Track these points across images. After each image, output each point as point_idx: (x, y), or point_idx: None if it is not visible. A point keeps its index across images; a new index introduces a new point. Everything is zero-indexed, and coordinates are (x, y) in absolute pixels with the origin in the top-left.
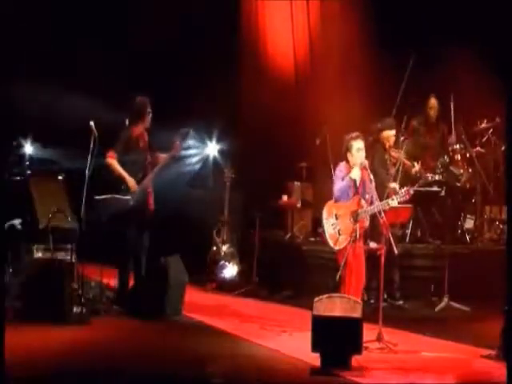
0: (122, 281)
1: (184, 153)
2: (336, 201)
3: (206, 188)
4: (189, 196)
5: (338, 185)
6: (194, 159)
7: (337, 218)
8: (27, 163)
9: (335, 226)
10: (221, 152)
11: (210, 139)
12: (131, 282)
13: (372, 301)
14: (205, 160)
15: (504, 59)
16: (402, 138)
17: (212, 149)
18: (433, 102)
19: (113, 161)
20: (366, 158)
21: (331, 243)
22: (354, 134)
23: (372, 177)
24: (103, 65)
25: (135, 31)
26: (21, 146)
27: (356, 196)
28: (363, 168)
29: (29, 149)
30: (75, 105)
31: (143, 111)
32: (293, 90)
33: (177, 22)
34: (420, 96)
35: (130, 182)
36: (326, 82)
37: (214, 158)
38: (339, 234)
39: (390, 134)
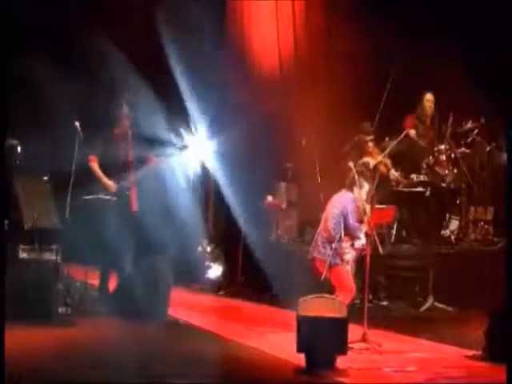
0: (102, 281)
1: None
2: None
3: (193, 189)
4: (175, 197)
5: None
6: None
7: None
8: (17, 162)
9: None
10: (207, 153)
11: (196, 140)
12: (114, 283)
13: (357, 301)
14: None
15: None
16: (387, 139)
17: (198, 150)
18: (429, 96)
19: (93, 164)
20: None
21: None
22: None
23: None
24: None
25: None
26: (10, 147)
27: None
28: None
29: (16, 149)
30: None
31: (119, 114)
32: (278, 90)
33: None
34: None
35: (108, 185)
36: (312, 82)
37: (200, 159)
38: None
39: (364, 140)
